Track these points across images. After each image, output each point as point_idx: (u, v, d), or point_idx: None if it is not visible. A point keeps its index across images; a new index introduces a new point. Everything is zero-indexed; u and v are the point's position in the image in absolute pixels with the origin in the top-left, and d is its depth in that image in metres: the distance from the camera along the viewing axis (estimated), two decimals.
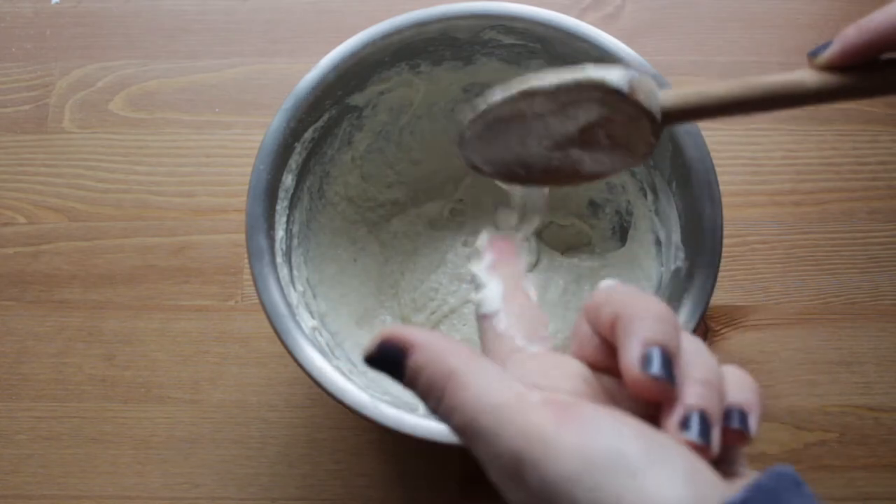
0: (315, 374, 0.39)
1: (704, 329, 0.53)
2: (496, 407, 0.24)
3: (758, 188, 0.56)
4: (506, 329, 0.29)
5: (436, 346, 0.26)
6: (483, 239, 0.34)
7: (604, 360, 0.27)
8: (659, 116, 0.33)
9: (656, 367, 0.24)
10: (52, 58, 0.60)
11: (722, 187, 0.41)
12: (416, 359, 0.26)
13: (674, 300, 0.41)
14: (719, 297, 0.53)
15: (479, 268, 0.33)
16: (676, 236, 0.44)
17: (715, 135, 0.55)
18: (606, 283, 0.28)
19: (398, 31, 0.44)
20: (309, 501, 0.50)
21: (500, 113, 0.34)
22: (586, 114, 0.34)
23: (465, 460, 0.50)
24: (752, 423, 0.25)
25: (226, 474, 0.51)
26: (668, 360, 0.24)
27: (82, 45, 0.60)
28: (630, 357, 0.24)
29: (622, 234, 0.51)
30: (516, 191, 0.38)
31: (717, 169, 0.41)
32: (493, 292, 0.31)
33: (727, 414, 0.25)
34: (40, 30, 0.61)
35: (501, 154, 0.36)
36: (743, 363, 0.52)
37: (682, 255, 0.43)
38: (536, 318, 0.30)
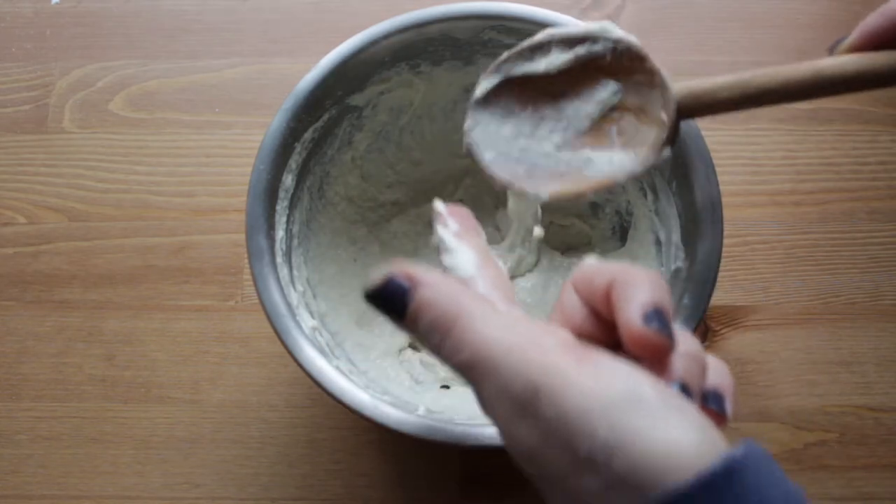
0: (315, 374, 0.39)
1: (704, 329, 0.53)
2: (514, 343, 0.25)
3: (758, 188, 0.56)
4: (486, 293, 0.29)
5: (444, 284, 0.26)
6: (439, 205, 0.34)
7: (590, 330, 0.28)
8: (670, 85, 0.32)
9: (657, 322, 0.25)
10: (52, 58, 0.60)
11: (722, 187, 0.41)
12: (423, 295, 0.26)
13: (674, 300, 0.41)
14: (719, 297, 0.53)
15: (446, 233, 0.32)
16: (676, 236, 0.44)
17: (715, 135, 0.55)
18: (590, 260, 0.29)
19: (398, 31, 0.44)
20: (309, 501, 0.50)
21: (516, 69, 0.34)
22: (600, 95, 0.34)
23: (465, 460, 0.50)
24: (728, 406, 0.26)
25: (226, 474, 0.51)
26: (667, 319, 0.25)
27: (82, 45, 0.60)
28: (631, 314, 0.25)
29: (622, 234, 0.51)
30: (510, 203, 0.37)
31: (717, 169, 0.41)
32: (465, 258, 0.31)
33: (705, 395, 0.26)
34: (40, 30, 0.61)
35: (508, 141, 0.35)
36: (743, 363, 0.52)
37: (682, 255, 0.43)
38: (510, 288, 0.30)
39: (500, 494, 0.50)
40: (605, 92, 0.34)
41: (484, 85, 0.35)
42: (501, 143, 0.35)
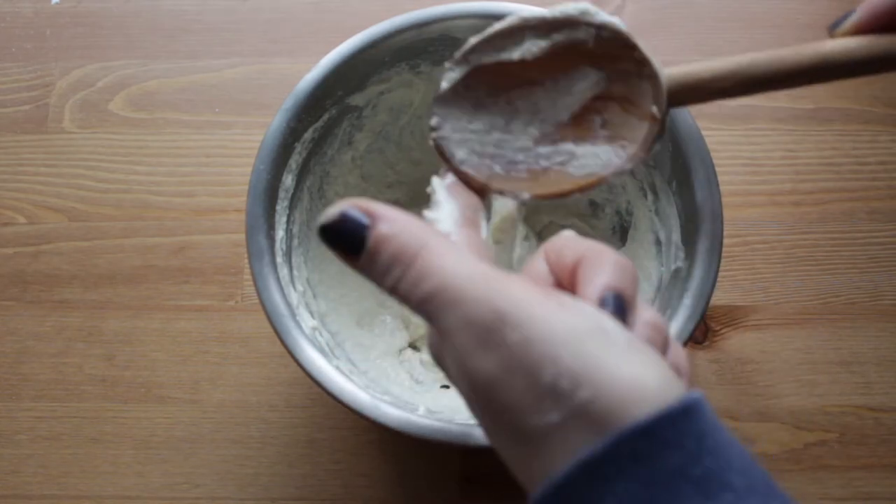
0: (315, 374, 0.39)
1: (704, 329, 0.53)
2: (478, 275, 0.24)
3: (758, 188, 0.56)
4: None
5: (404, 219, 0.26)
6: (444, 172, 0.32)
7: None
8: (662, 76, 0.29)
9: (612, 306, 0.25)
10: (52, 58, 0.60)
11: (722, 187, 0.41)
12: (382, 229, 0.25)
13: (674, 300, 0.41)
14: (719, 297, 0.53)
15: (440, 184, 0.31)
16: (676, 236, 0.44)
17: (715, 135, 0.56)
18: (567, 233, 0.29)
19: (398, 31, 0.44)
20: (309, 501, 0.50)
21: (486, 58, 0.30)
22: (581, 84, 0.30)
23: (465, 460, 0.51)
24: (684, 383, 0.27)
25: (226, 474, 0.51)
26: (623, 304, 0.25)
27: (82, 45, 0.60)
28: (589, 295, 0.25)
29: (622, 234, 0.51)
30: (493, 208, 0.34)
31: (717, 169, 0.41)
32: (447, 214, 0.29)
33: None
34: (40, 30, 0.61)
35: (480, 136, 0.31)
36: (743, 363, 0.52)
37: (682, 255, 0.43)
38: (485, 250, 0.30)
39: (500, 494, 0.50)
40: (587, 81, 0.30)
41: (450, 77, 0.31)
42: (473, 139, 0.31)
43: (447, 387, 0.50)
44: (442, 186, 0.31)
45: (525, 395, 0.23)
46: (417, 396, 0.46)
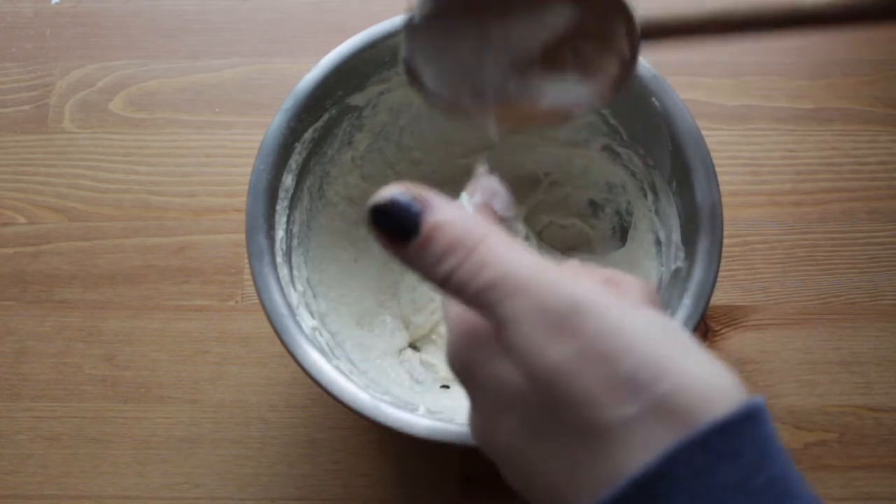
0: (315, 374, 0.39)
1: (704, 329, 0.53)
2: (543, 266, 0.23)
3: (758, 188, 0.56)
4: None
5: (459, 210, 0.25)
6: (481, 168, 0.31)
7: None
8: (636, 14, 0.29)
9: None
10: (52, 58, 0.60)
11: (722, 187, 0.41)
12: (438, 216, 0.24)
13: (674, 300, 0.41)
14: (719, 297, 0.53)
15: (467, 201, 0.31)
16: (676, 236, 0.44)
17: (715, 135, 0.56)
18: (574, 263, 0.29)
19: (398, 31, 0.44)
20: (309, 501, 0.50)
21: None
22: (554, 18, 0.30)
23: (465, 460, 0.50)
24: None
25: (226, 474, 0.51)
26: None
27: (82, 45, 0.60)
28: None
29: (622, 234, 0.51)
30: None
31: (717, 169, 0.41)
32: None
33: None
34: (40, 30, 0.61)
35: (450, 66, 0.31)
36: (743, 363, 0.52)
37: (682, 255, 0.43)
38: None
39: (500, 494, 0.50)
40: (561, 15, 0.30)
41: (422, 7, 0.31)
42: (443, 68, 0.31)
43: (447, 387, 0.50)
44: (469, 204, 0.30)
45: (600, 385, 0.22)
46: (417, 396, 0.46)
